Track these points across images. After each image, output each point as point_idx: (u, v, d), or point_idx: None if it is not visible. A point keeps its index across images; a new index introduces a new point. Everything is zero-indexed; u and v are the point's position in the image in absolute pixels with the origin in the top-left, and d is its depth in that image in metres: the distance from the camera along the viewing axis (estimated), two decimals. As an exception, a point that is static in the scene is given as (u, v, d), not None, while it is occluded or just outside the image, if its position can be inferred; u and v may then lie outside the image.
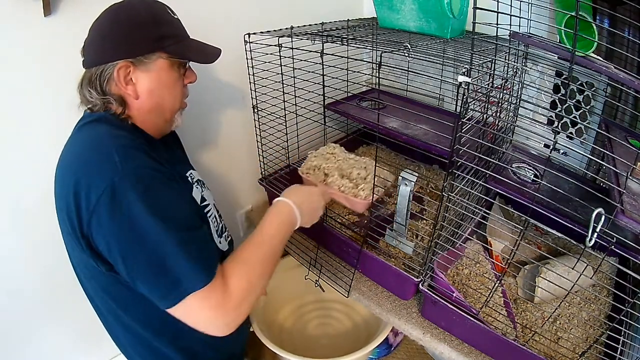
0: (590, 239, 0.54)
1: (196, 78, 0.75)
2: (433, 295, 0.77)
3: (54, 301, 0.99)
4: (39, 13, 0.76)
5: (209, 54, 0.72)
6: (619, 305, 0.60)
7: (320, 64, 0.86)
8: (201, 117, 1.11)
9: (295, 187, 0.80)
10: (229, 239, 0.87)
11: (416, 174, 0.78)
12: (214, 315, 0.57)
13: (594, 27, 0.75)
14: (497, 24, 0.56)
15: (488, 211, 0.93)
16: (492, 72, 0.68)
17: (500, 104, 0.80)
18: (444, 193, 0.70)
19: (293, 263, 1.23)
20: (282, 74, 0.96)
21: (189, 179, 0.77)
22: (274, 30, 0.97)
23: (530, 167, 0.81)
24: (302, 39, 0.91)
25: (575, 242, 0.90)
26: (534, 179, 0.78)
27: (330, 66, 0.86)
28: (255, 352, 1.26)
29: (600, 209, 0.53)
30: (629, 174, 0.60)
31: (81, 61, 0.67)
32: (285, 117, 1.01)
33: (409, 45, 0.72)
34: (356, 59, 0.96)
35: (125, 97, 0.66)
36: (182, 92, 0.73)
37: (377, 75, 0.83)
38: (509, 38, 0.77)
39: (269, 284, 1.24)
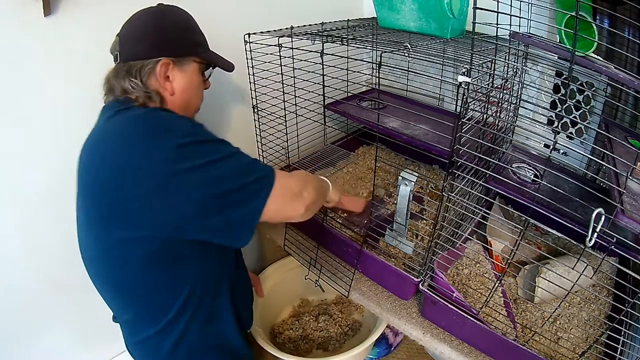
0: (590, 239, 0.54)
1: (210, 85, 0.82)
2: (433, 295, 0.77)
3: (56, 300, 0.99)
4: (39, 13, 0.76)
5: (229, 64, 0.81)
6: (619, 305, 0.60)
7: (320, 64, 0.86)
8: (201, 117, 1.10)
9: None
10: None
11: (416, 174, 0.78)
12: (292, 198, 0.66)
13: (594, 27, 0.75)
14: (497, 24, 0.56)
15: (488, 211, 0.93)
16: (492, 72, 0.68)
17: (500, 104, 0.80)
18: (444, 193, 0.70)
19: (293, 264, 1.23)
20: (282, 74, 0.96)
21: None
22: (274, 30, 0.97)
23: (530, 167, 0.81)
24: (302, 39, 0.91)
25: (575, 242, 0.90)
26: (534, 179, 0.77)
27: (330, 66, 0.86)
28: (253, 353, 1.26)
29: (600, 209, 0.53)
30: (629, 174, 0.60)
31: (114, 55, 0.71)
32: (285, 117, 1.01)
33: (409, 45, 0.72)
34: (356, 59, 0.96)
35: (162, 92, 0.70)
36: (202, 95, 0.80)
37: (377, 75, 0.83)
38: (509, 38, 0.77)
39: (267, 286, 1.24)
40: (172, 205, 0.56)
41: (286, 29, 0.98)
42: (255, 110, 1.05)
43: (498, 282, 0.71)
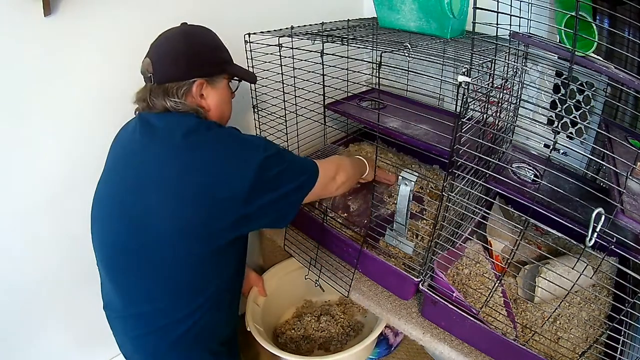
0: (590, 239, 0.54)
1: (235, 96, 0.86)
2: (433, 295, 0.77)
3: (56, 300, 0.99)
4: (39, 13, 0.76)
5: (253, 76, 0.87)
6: (619, 305, 0.60)
7: (320, 63, 0.86)
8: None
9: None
10: None
11: (416, 174, 0.78)
12: (329, 183, 0.82)
13: (594, 27, 0.75)
14: (497, 24, 0.56)
15: (488, 211, 0.93)
16: (492, 72, 0.68)
17: (500, 104, 0.80)
18: (444, 193, 0.70)
19: (295, 265, 1.23)
20: (282, 74, 0.96)
21: None
22: (274, 30, 0.97)
23: (530, 167, 0.81)
24: (302, 39, 0.91)
25: (575, 242, 0.90)
26: (534, 179, 0.77)
27: (330, 66, 0.86)
28: (252, 354, 1.26)
29: (600, 209, 0.53)
30: (629, 174, 0.60)
31: (147, 76, 0.73)
32: (285, 117, 1.01)
33: (409, 45, 0.72)
34: (356, 59, 0.96)
35: (200, 108, 0.76)
36: (232, 106, 0.86)
37: (377, 75, 0.82)
38: (509, 38, 0.77)
39: (270, 287, 1.24)
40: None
41: (286, 29, 0.98)
42: (255, 110, 1.05)
43: (498, 282, 0.71)
